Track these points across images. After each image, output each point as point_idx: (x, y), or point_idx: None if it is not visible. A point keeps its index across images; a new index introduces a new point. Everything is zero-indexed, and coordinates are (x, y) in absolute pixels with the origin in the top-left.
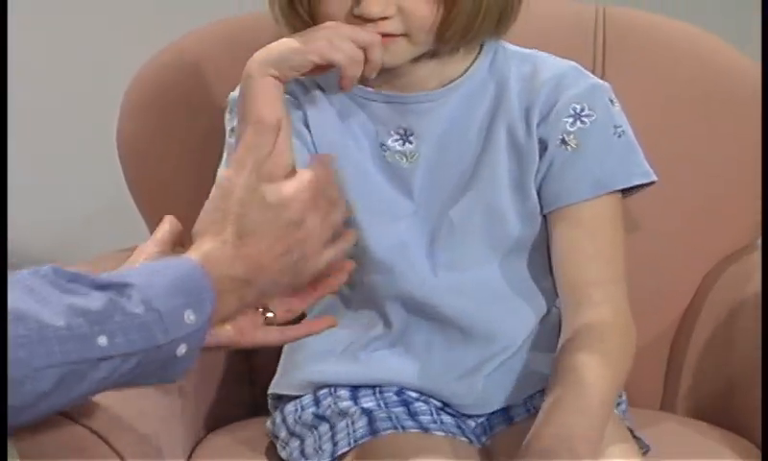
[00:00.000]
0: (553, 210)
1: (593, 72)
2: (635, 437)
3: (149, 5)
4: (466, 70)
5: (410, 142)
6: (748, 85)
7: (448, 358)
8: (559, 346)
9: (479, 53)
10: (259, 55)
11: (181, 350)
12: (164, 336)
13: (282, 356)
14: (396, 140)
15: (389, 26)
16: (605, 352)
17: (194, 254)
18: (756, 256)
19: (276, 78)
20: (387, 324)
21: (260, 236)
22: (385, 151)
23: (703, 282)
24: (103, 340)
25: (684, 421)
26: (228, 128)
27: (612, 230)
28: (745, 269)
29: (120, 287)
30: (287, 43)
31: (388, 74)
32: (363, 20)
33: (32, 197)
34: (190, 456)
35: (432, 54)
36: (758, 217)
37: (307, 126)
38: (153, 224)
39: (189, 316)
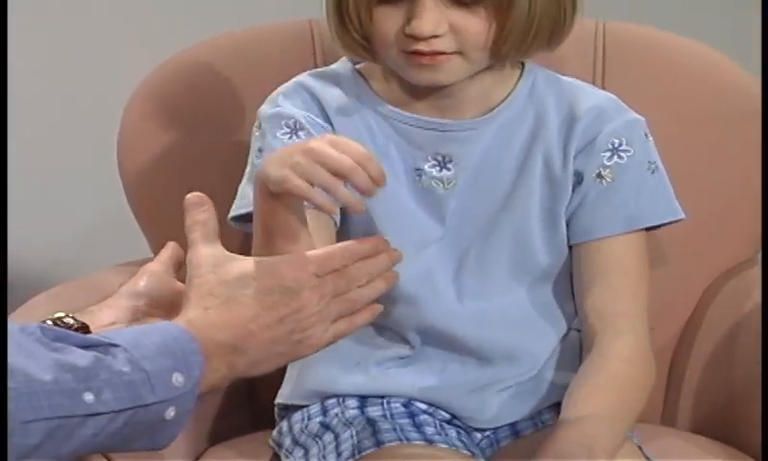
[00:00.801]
0: (582, 242)
1: (593, 85)
2: (644, 455)
3: (150, 18)
4: (507, 95)
5: (448, 169)
6: (748, 100)
7: (462, 377)
8: (581, 369)
9: (519, 78)
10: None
11: (170, 413)
12: (152, 396)
13: (288, 367)
14: (434, 166)
15: (441, 44)
16: (626, 378)
17: (180, 321)
18: (756, 271)
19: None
20: (404, 347)
21: (245, 304)
22: (420, 176)
23: (703, 297)
24: (89, 397)
25: (685, 435)
26: (255, 146)
27: (639, 264)
28: (745, 284)
29: (106, 347)
30: (269, 159)
31: (435, 93)
32: (415, 39)
33: (31, 210)
34: None
35: (485, 70)
36: (759, 231)
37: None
38: (153, 238)
39: (177, 378)
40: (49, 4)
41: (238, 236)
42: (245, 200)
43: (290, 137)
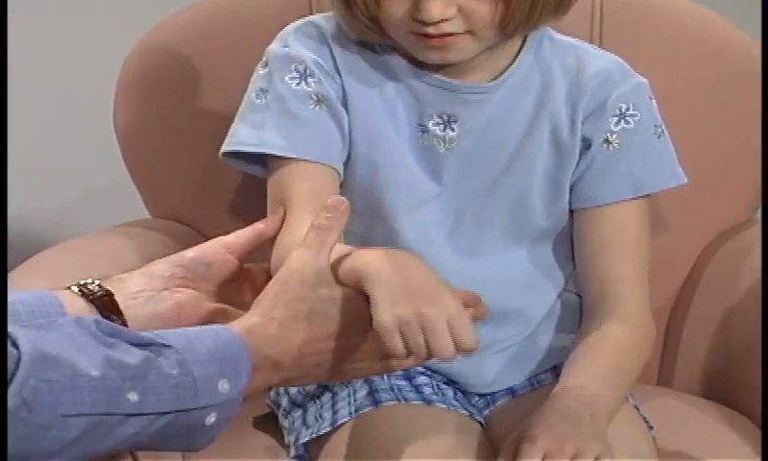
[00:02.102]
0: (586, 208)
1: (590, 44)
2: (640, 415)
3: None
4: (513, 60)
5: (452, 129)
6: (747, 62)
7: None
8: (583, 328)
9: (524, 41)
10: None
11: (211, 419)
12: (195, 401)
13: None
14: (438, 124)
15: (450, 27)
16: (627, 343)
17: (238, 326)
18: (755, 231)
19: None
20: None
21: (309, 326)
22: (423, 132)
23: (701, 257)
24: (134, 396)
25: (681, 396)
26: (257, 84)
27: (641, 230)
28: (743, 244)
29: (159, 347)
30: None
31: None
32: (423, 24)
33: (30, 175)
34: None
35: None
36: (757, 192)
37: (345, 104)
38: (150, 201)
39: (223, 385)
40: None
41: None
42: (236, 137)
43: (298, 83)
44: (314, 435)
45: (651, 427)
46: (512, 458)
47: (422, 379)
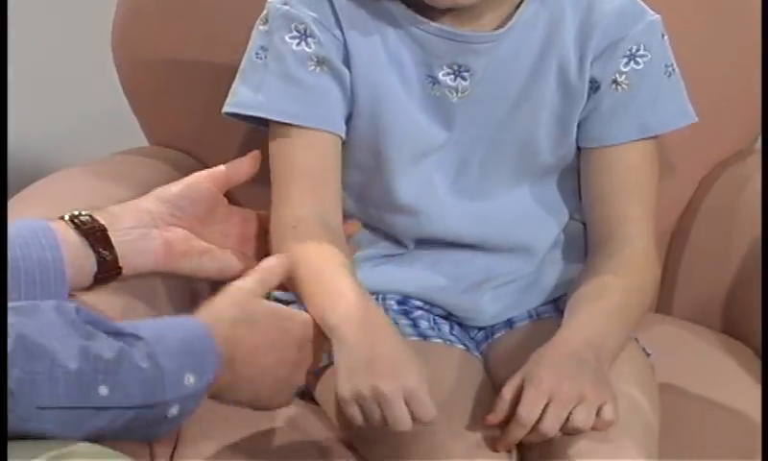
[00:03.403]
0: (594, 147)
1: None
2: (639, 346)
3: None
4: (520, 2)
5: (463, 79)
6: None
7: (455, 273)
8: (588, 266)
9: None
10: None
11: (173, 411)
12: (161, 395)
13: None
14: (448, 75)
15: None
16: (633, 283)
17: (207, 316)
18: (755, 159)
19: None
20: (398, 247)
21: (260, 331)
22: (434, 84)
23: (699, 187)
24: (104, 390)
25: (680, 323)
26: (257, 42)
27: (650, 169)
28: (742, 173)
29: (132, 338)
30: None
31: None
32: None
33: (29, 102)
34: None
35: None
36: (756, 121)
37: (347, 62)
38: (148, 127)
39: (189, 378)
40: None
41: None
42: (236, 98)
43: (298, 44)
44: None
45: (648, 355)
46: (515, 400)
47: (420, 314)
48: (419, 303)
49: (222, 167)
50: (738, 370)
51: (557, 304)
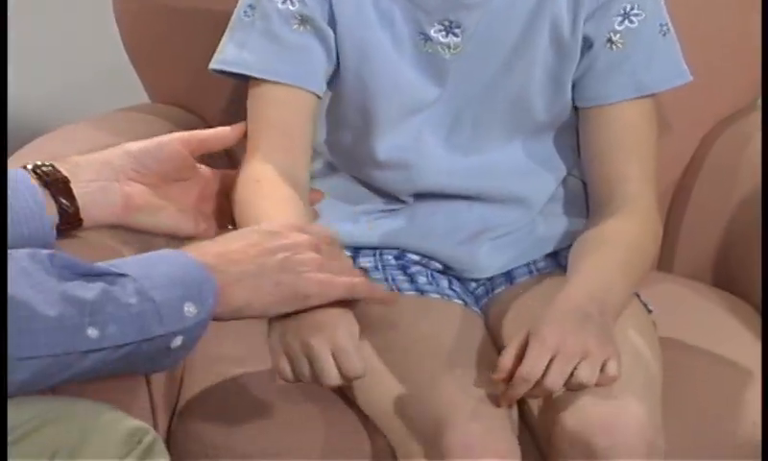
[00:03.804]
0: (591, 106)
1: None
2: (641, 302)
3: None
4: None
5: (455, 35)
6: None
7: (451, 224)
8: (590, 224)
9: None
10: None
11: (176, 342)
12: (160, 327)
13: None
14: (440, 31)
15: None
16: (635, 239)
17: (191, 250)
18: (756, 118)
19: None
20: (393, 201)
21: (229, 240)
22: (426, 41)
23: (701, 145)
24: (93, 332)
25: (682, 281)
26: (246, 1)
27: (648, 128)
28: (743, 131)
29: (114, 277)
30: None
31: None
32: None
33: (30, 59)
34: None
35: None
36: (757, 79)
37: (332, 21)
38: (150, 85)
39: (189, 308)
40: None
41: None
42: (221, 55)
43: (283, 2)
44: None
45: (650, 311)
46: (519, 356)
47: (417, 269)
48: (416, 258)
49: (201, 132)
50: (739, 326)
51: (558, 260)
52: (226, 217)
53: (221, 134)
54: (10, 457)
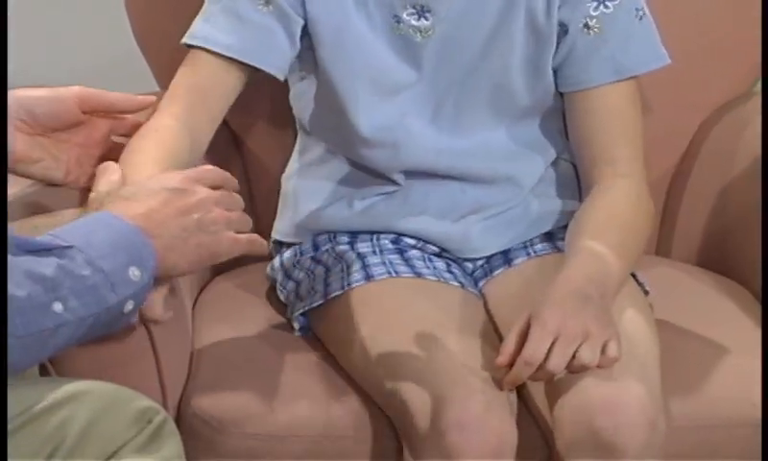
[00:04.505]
0: (574, 91)
1: None
2: (637, 282)
3: None
4: None
5: (426, 18)
6: None
7: (445, 205)
8: (584, 207)
9: None
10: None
11: (128, 306)
12: (113, 295)
13: (280, 201)
14: (412, 15)
15: None
16: (629, 217)
17: (119, 210)
18: (754, 104)
19: None
20: (387, 182)
21: (142, 199)
22: (398, 23)
23: (699, 131)
24: (58, 306)
25: (679, 265)
26: None
27: (632, 109)
28: (741, 117)
29: (62, 250)
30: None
31: None
32: None
33: (40, 48)
34: (196, 300)
35: None
36: (755, 65)
37: (302, 7)
38: (160, 73)
39: (134, 272)
40: None
41: None
42: (191, 29)
43: None
44: (306, 308)
45: (647, 292)
46: (521, 340)
47: (413, 252)
48: (412, 242)
49: (104, 94)
50: (736, 311)
51: (554, 242)
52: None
53: (123, 100)
54: (23, 437)
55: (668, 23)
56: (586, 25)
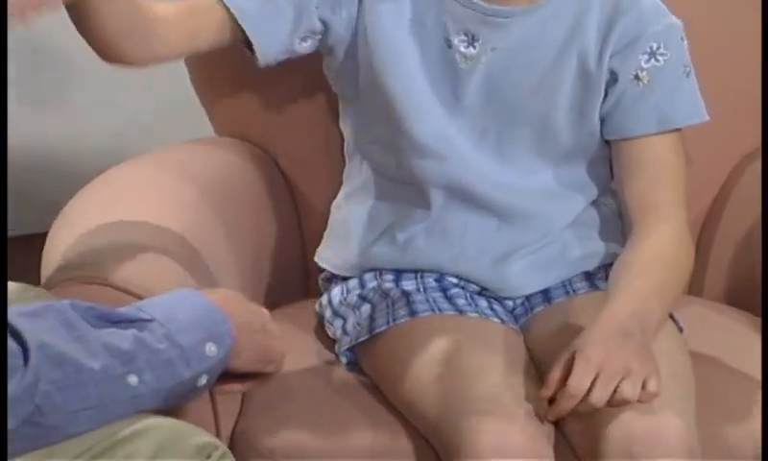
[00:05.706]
0: (619, 139)
1: None
2: (673, 319)
3: None
4: None
5: (474, 47)
6: None
7: (482, 244)
8: (628, 247)
9: None
10: None
11: (202, 381)
12: (188, 370)
13: (327, 228)
14: (462, 41)
15: None
16: (671, 259)
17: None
18: None
19: None
20: (426, 206)
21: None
22: (449, 47)
23: (729, 177)
24: (133, 379)
25: (712, 304)
26: None
27: (676, 158)
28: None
29: (143, 323)
30: None
31: None
32: None
33: (95, 91)
34: None
35: None
36: None
37: (355, 39)
38: (215, 119)
39: (211, 348)
40: None
41: None
42: None
43: None
44: (352, 342)
45: (681, 329)
46: (565, 374)
47: (456, 291)
48: (454, 281)
49: None
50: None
51: (593, 281)
52: None
53: None
54: None
55: (698, 73)
56: (636, 76)
